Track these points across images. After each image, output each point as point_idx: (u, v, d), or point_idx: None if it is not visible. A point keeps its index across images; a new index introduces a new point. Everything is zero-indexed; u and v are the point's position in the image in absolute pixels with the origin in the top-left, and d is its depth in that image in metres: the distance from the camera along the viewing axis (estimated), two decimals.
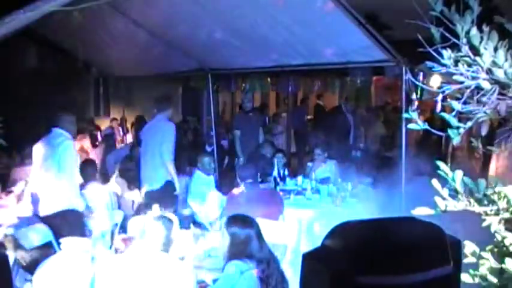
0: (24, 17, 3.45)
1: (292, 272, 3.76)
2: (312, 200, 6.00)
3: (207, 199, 5.76)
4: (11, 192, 6.22)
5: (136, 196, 5.52)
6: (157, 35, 6.99)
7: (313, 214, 5.49)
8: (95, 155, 8.21)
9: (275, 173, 6.57)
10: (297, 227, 5.00)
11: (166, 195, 5.79)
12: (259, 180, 5.95)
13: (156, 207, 5.45)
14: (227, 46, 6.57)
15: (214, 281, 3.65)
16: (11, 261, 3.75)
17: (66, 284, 3.43)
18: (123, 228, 5.08)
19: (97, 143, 9.10)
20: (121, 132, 10.79)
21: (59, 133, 5.01)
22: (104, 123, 10.95)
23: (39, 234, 4.70)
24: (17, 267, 3.76)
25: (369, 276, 0.90)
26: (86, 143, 8.44)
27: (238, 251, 3.35)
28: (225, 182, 7.32)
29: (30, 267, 3.78)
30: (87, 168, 5.88)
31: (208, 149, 8.59)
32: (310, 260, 0.98)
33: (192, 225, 5.06)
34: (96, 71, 9.77)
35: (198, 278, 3.78)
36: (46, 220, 4.84)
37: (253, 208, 4.38)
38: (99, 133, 9.85)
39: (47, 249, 4.58)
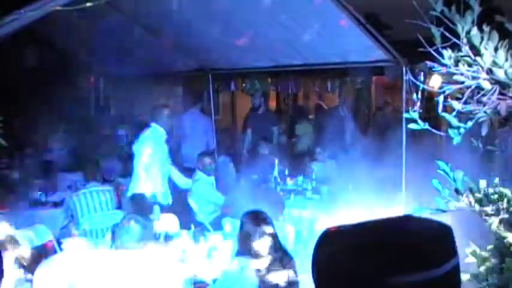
0: (24, 17, 3.45)
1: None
2: (312, 200, 5.99)
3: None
4: None
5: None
6: (157, 35, 6.98)
7: (313, 214, 5.49)
8: None
9: (275, 173, 6.56)
10: (297, 227, 5.00)
11: None
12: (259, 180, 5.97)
13: (156, 207, 5.46)
14: (227, 46, 6.57)
15: (214, 281, 3.66)
16: (11, 261, 3.75)
17: (66, 284, 3.43)
18: None
19: None
20: None
21: (154, 127, 5.67)
22: None
23: (39, 234, 4.70)
24: (17, 267, 3.75)
25: (393, 277, 0.89)
26: None
27: (244, 246, 3.37)
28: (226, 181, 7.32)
29: (30, 267, 3.78)
30: (88, 167, 5.89)
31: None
32: (327, 267, 0.97)
33: (192, 225, 5.07)
34: (96, 70, 9.75)
35: (198, 278, 3.79)
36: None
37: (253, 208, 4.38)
38: None
39: (47, 249, 4.58)
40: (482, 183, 1.70)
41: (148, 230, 3.23)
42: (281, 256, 3.41)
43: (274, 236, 3.46)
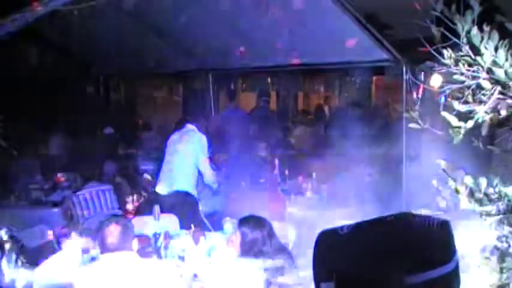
0: (25, 17, 3.45)
1: None
2: (312, 200, 5.98)
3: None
4: None
5: None
6: (157, 35, 6.98)
7: (313, 214, 5.48)
8: None
9: (275, 173, 6.55)
10: (297, 228, 4.99)
11: None
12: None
13: (156, 207, 5.45)
14: (227, 46, 6.56)
15: (214, 280, 3.65)
16: (12, 261, 3.75)
17: (66, 284, 3.43)
18: None
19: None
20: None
21: (191, 128, 5.96)
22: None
23: (39, 234, 4.69)
24: (17, 266, 3.75)
25: (393, 277, 0.89)
26: None
27: (246, 249, 3.39)
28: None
29: (30, 267, 3.78)
30: (88, 167, 5.89)
31: None
32: (327, 268, 0.96)
33: (192, 225, 5.05)
34: (96, 70, 9.76)
35: (198, 278, 3.78)
36: (162, 198, 5.59)
37: (255, 208, 4.38)
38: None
39: (47, 249, 4.58)
40: (483, 183, 1.70)
41: (130, 231, 3.24)
42: (280, 256, 3.42)
43: (273, 237, 3.49)
